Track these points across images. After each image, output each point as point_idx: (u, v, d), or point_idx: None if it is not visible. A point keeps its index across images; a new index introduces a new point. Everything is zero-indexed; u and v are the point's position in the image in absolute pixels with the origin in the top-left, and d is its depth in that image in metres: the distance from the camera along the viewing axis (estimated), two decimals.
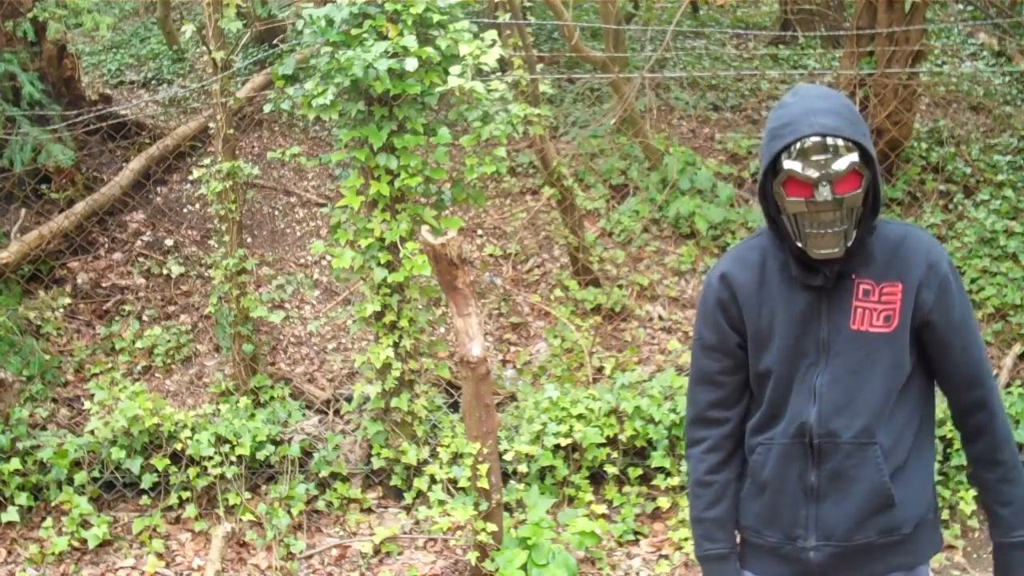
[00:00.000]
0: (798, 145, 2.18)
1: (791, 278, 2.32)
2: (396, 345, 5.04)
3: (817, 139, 2.17)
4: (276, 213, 7.54)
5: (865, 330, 2.27)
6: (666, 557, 4.86)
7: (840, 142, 2.16)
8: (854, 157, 2.17)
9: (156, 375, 6.09)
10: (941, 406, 2.80)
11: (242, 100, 6.37)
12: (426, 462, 5.12)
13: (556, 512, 5.02)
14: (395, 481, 5.17)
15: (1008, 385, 5.85)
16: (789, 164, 2.19)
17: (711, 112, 9.09)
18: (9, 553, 4.90)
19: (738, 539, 2.49)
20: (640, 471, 5.23)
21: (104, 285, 6.60)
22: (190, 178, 6.28)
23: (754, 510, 2.41)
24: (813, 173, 2.17)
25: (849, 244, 2.23)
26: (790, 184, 2.21)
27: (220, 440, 5.14)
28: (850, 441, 2.28)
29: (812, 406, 2.29)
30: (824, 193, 2.17)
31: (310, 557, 4.95)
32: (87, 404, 5.44)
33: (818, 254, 2.22)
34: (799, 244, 2.25)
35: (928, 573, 2.42)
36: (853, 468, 2.29)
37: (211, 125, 6.32)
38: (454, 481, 4.92)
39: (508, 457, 5.02)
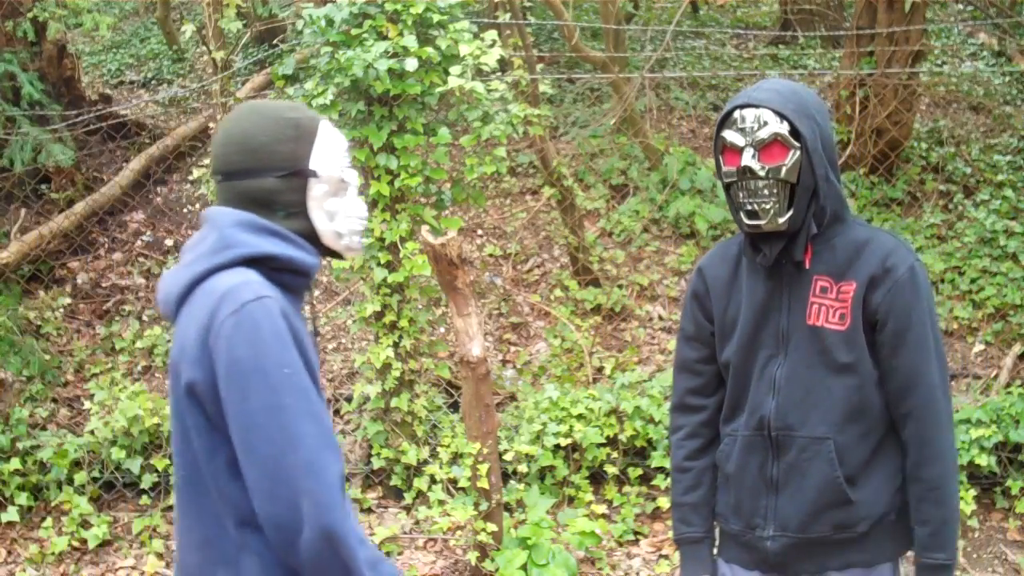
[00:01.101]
0: (732, 115, 2.31)
1: (756, 269, 2.39)
2: (396, 345, 5.04)
3: (747, 110, 2.29)
4: None
5: (820, 326, 2.32)
6: (666, 557, 4.86)
7: (769, 114, 2.27)
8: (779, 128, 2.26)
9: (156, 375, 6.09)
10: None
11: (242, 100, 6.37)
12: (426, 462, 5.12)
13: (556, 512, 5.02)
14: (395, 481, 5.17)
15: (1008, 385, 5.85)
16: (723, 132, 2.32)
17: (711, 112, 9.09)
18: (9, 553, 4.90)
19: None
20: (640, 471, 5.23)
21: (104, 285, 6.60)
22: (190, 178, 6.28)
23: (723, 499, 2.49)
24: (739, 140, 2.29)
25: (781, 222, 2.27)
26: (726, 154, 2.33)
27: None
28: (804, 436, 2.34)
29: (771, 399, 2.36)
30: (748, 158, 2.27)
31: None
32: (87, 404, 5.44)
33: (747, 224, 2.31)
34: (737, 218, 2.34)
35: (892, 572, 2.41)
36: (806, 462, 2.34)
37: (211, 125, 6.33)
38: (454, 481, 4.92)
39: (508, 457, 5.02)
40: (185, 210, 7.36)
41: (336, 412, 5.66)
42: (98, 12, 7.96)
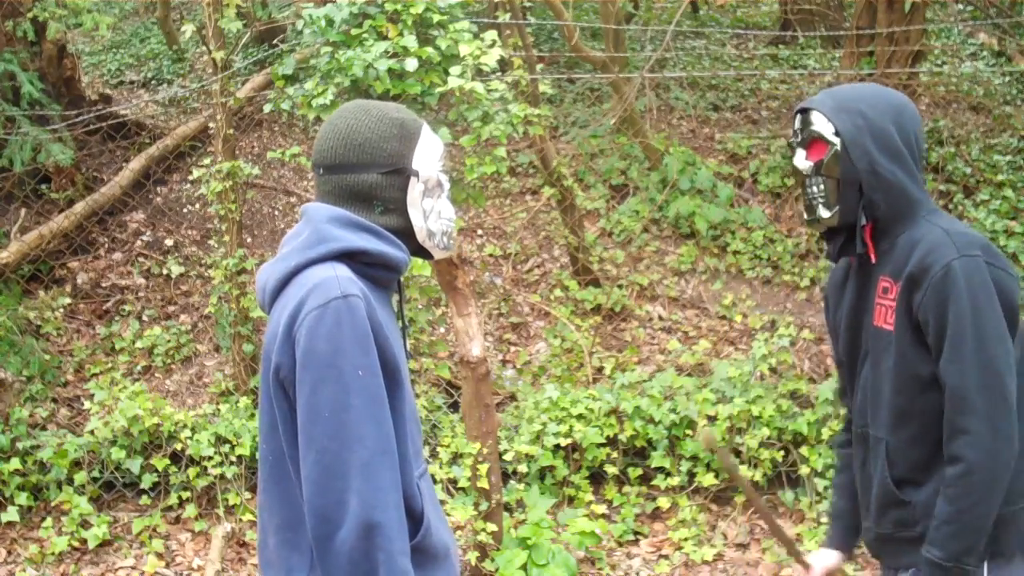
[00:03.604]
0: (794, 118, 2.45)
1: (854, 272, 2.46)
2: None
3: (799, 114, 2.42)
4: (276, 213, 7.54)
5: (880, 326, 2.37)
6: (666, 557, 4.86)
7: (812, 115, 2.37)
8: (817, 126, 2.35)
9: (156, 375, 6.09)
10: None
11: (242, 100, 6.37)
12: (426, 462, 5.11)
13: (556, 512, 5.02)
14: None
15: None
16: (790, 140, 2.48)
17: (711, 112, 9.09)
18: (9, 553, 4.90)
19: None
20: (640, 471, 5.23)
21: (104, 285, 6.60)
22: (190, 178, 6.28)
23: None
24: (793, 138, 2.44)
25: (828, 216, 2.35)
26: (791, 153, 2.46)
27: (220, 440, 5.13)
28: (873, 435, 2.43)
29: (858, 398, 2.47)
30: (799, 156, 2.39)
31: None
32: (87, 404, 5.44)
33: (802, 218, 2.45)
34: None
35: None
36: (872, 461, 2.44)
37: (211, 125, 6.33)
38: (454, 481, 4.92)
39: (508, 457, 5.02)
40: (185, 210, 7.36)
41: None
42: (98, 12, 7.96)
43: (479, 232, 7.49)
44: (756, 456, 5.18)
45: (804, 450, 5.26)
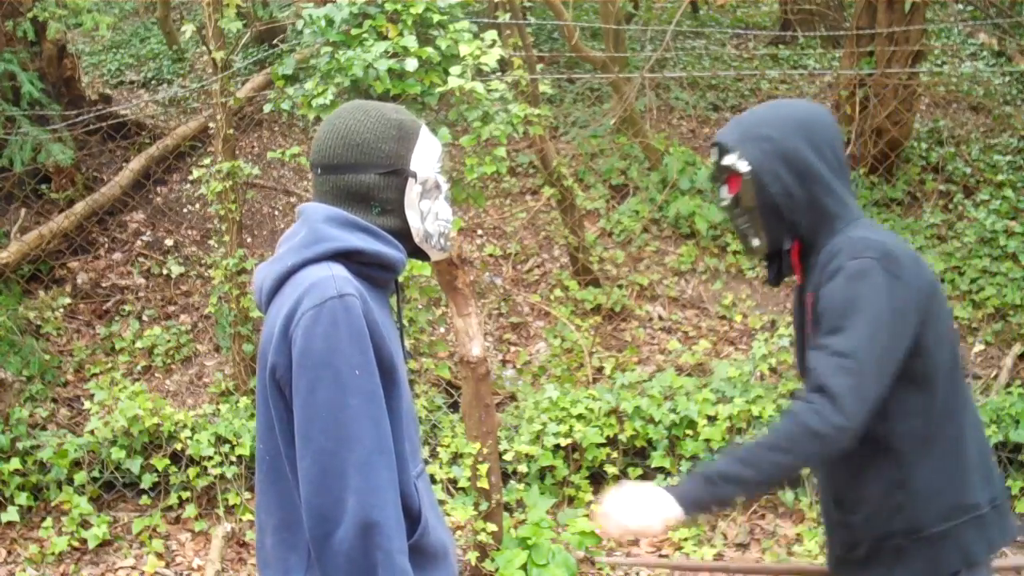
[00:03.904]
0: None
1: (794, 293, 2.48)
2: None
3: (715, 145, 2.40)
4: (276, 213, 7.53)
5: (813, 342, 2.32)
6: (666, 557, 4.86)
7: (722, 148, 2.36)
8: (726, 159, 2.35)
9: (156, 375, 6.09)
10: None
11: (242, 100, 6.37)
12: (426, 462, 5.12)
13: (556, 512, 5.02)
14: None
15: (1008, 385, 5.85)
16: None
17: (711, 112, 9.09)
18: (9, 553, 4.90)
19: None
20: (640, 471, 5.23)
21: (104, 285, 6.60)
22: (190, 178, 6.28)
23: None
24: (714, 173, 2.44)
25: (758, 245, 2.35)
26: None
27: (220, 440, 5.13)
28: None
29: None
30: (722, 191, 2.40)
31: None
32: (87, 404, 5.44)
33: (744, 250, 2.42)
34: None
35: None
36: (820, 481, 2.43)
37: (211, 125, 6.32)
38: (454, 481, 4.92)
39: (508, 457, 5.02)
40: (185, 210, 7.36)
41: None
42: (98, 12, 7.96)
43: (479, 232, 7.49)
44: None
45: None
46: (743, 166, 2.31)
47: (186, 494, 5.11)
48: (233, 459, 5.10)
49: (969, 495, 2.27)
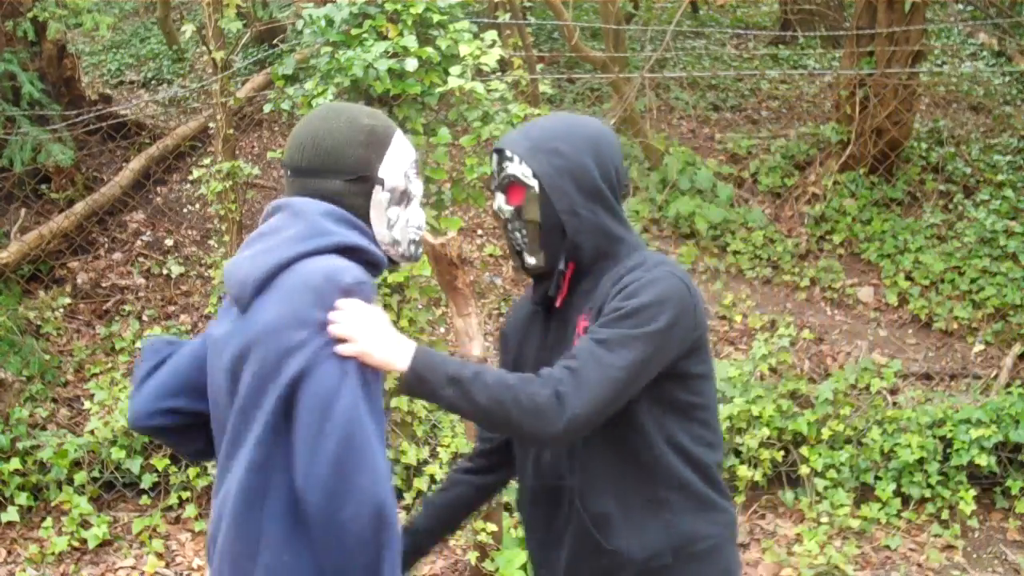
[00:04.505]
0: (491, 159, 2.28)
1: (538, 311, 2.30)
2: None
3: (495, 153, 2.25)
4: None
5: None
6: None
7: (507, 155, 2.21)
8: (512, 168, 2.20)
9: None
10: None
11: (242, 100, 6.37)
12: (426, 462, 5.12)
13: None
14: (395, 481, 5.17)
15: (1008, 385, 5.85)
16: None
17: (711, 112, 9.09)
18: (9, 553, 4.90)
19: None
20: None
21: (104, 285, 6.60)
22: (190, 178, 6.28)
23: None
24: (492, 182, 2.27)
25: (534, 262, 2.21)
26: (492, 198, 2.30)
27: None
28: (556, 484, 2.22)
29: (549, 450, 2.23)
30: (499, 200, 2.24)
31: None
32: (87, 404, 5.44)
33: (513, 264, 2.29)
34: None
35: None
36: (562, 513, 2.22)
37: (211, 125, 6.33)
38: None
39: None
40: (185, 210, 7.36)
41: None
42: (98, 12, 7.96)
43: (479, 232, 7.49)
44: (756, 456, 5.18)
45: (804, 450, 5.26)
46: (530, 177, 2.19)
47: (186, 494, 5.11)
48: None
49: (729, 513, 2.24)
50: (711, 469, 2.22)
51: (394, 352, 1.93)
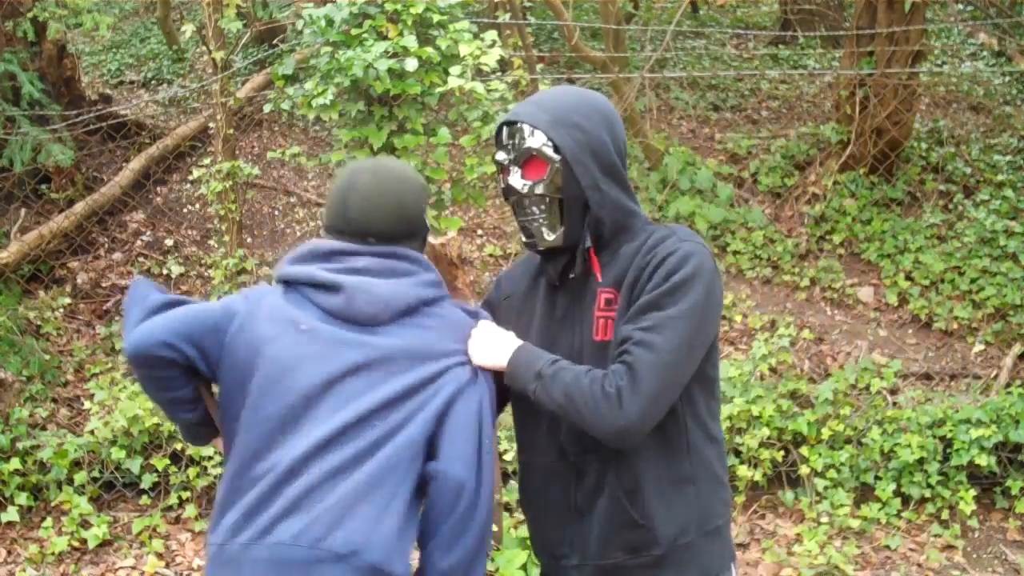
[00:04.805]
0: (500, 134, 2.26)
1: (551, 285, 2.29)
2: None
3: (508, 125, 2.23)
4: (276, 213, 7.54)
5: (601, 340, 2.18)
6: None
7: (525, 129, 2.19)
8: (533, 142, 2.18)
9: None
10: None
11: (242, 100, 6.37)
12: None
13: None
14: None
15: (1008, 385, 5.85)
16: (496, 152, 2.28)
17: (711, 112, 9.09)
18: (9, 553, 4.90)
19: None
20: None
21: (104, 285, 6.60)
22: (190, 178, 6.28)
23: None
24: (503, 156, 2.24)
25: (552, 239, 2.20)
26: (501, 174, 2.27)
27: None
28: (579, 458, 2.22)
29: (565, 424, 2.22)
30: (515, 177, 2.22)
31: None
32: (87, 404, 5.44)
33: (525, 241, 2.25)
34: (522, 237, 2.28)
35: None
36: (585, 487, 2.23)
37: (211, 125, 6.33)
38: None
39: (508, 457, 5.02)
40: (185, 210, 7.36)
41: None
42: (98, 12, 7.96)
43: (479, 232, 7.49)
44: (756, 456, 5.18)
45: (804, 450, 5.26)
46: (552, 151, 2.17)
47: (186, 494, 5.11)
48: None
49: (730, 494, 2.31)
50: (721, 445, 2.27)
51: (498, 354, 2.17)
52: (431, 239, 4.19)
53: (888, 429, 5.32)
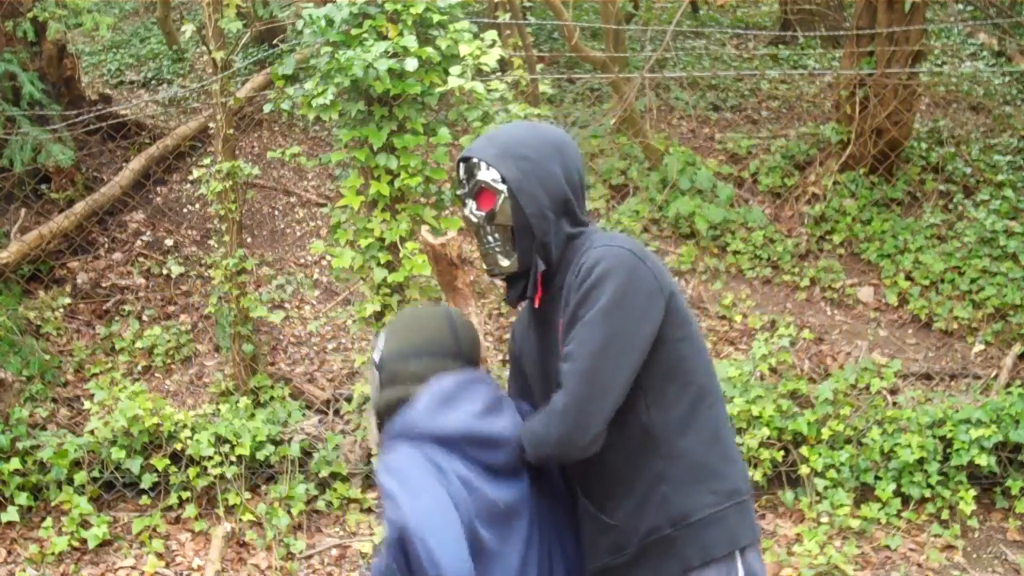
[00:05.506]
0: (457, 168, 2.40)
1: (532, 315, 2.42)
2: None
3: (463, 161, 2.36)
4: (276, 213, 7.54)
5: None
6: None
7: (474, 163, 2.32)
8: (481, 175, 2.30)
9: (156, 375, 6.09)
10: None
11: (242, 100, 6.37)
12: None
13: None
14: None
15: (1008, 385, 5.85)
16: (457, 188, 2.41)
17: (711, 112, 9.09)
18: (9, 553, 4.90)
19: None
20: None
21: (104, 285, 6.60)
22: (190, 178, 6.28)
23: None
24: (460, 191, 2.39)
25: (507, 265, 2.32)
26: (463, 206, 2.40)
27: (220, 440, 5.13)
28: (572, 474, 2.37)
29: None
30: (470, 207, 2.35)
31: (310, 557, 4.95)
32: (87, 404, 5.44)
33: (486, 269, 2.38)
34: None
35: None
36: (578, 495, 2.38)
37: (211, 125, 6.33)
38: None
39: None
40: (185, 210, 7.36)
41: (336, 412, 5.66)
42: (98, 12, 7.96)
43: None
44: (756, 456, 5.18)
45: (804, 450, 5.26)
46: (499, 182, 2.29)
47: (186, 494, 5.11)
48: (233, 459, 5.10)
49: (731, 481, 2.30)
50: (715, 435, 2.27)
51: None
52: (431, 239, 4.20)
53: (888, 429, 5.32)
